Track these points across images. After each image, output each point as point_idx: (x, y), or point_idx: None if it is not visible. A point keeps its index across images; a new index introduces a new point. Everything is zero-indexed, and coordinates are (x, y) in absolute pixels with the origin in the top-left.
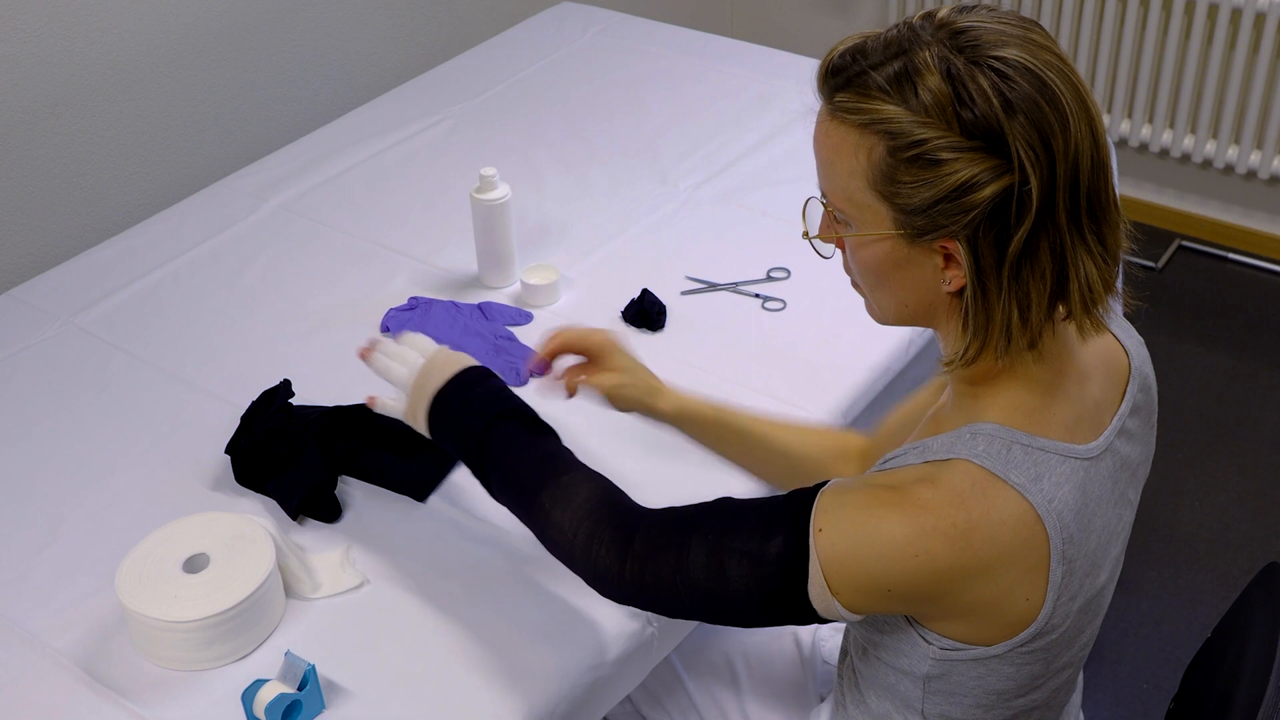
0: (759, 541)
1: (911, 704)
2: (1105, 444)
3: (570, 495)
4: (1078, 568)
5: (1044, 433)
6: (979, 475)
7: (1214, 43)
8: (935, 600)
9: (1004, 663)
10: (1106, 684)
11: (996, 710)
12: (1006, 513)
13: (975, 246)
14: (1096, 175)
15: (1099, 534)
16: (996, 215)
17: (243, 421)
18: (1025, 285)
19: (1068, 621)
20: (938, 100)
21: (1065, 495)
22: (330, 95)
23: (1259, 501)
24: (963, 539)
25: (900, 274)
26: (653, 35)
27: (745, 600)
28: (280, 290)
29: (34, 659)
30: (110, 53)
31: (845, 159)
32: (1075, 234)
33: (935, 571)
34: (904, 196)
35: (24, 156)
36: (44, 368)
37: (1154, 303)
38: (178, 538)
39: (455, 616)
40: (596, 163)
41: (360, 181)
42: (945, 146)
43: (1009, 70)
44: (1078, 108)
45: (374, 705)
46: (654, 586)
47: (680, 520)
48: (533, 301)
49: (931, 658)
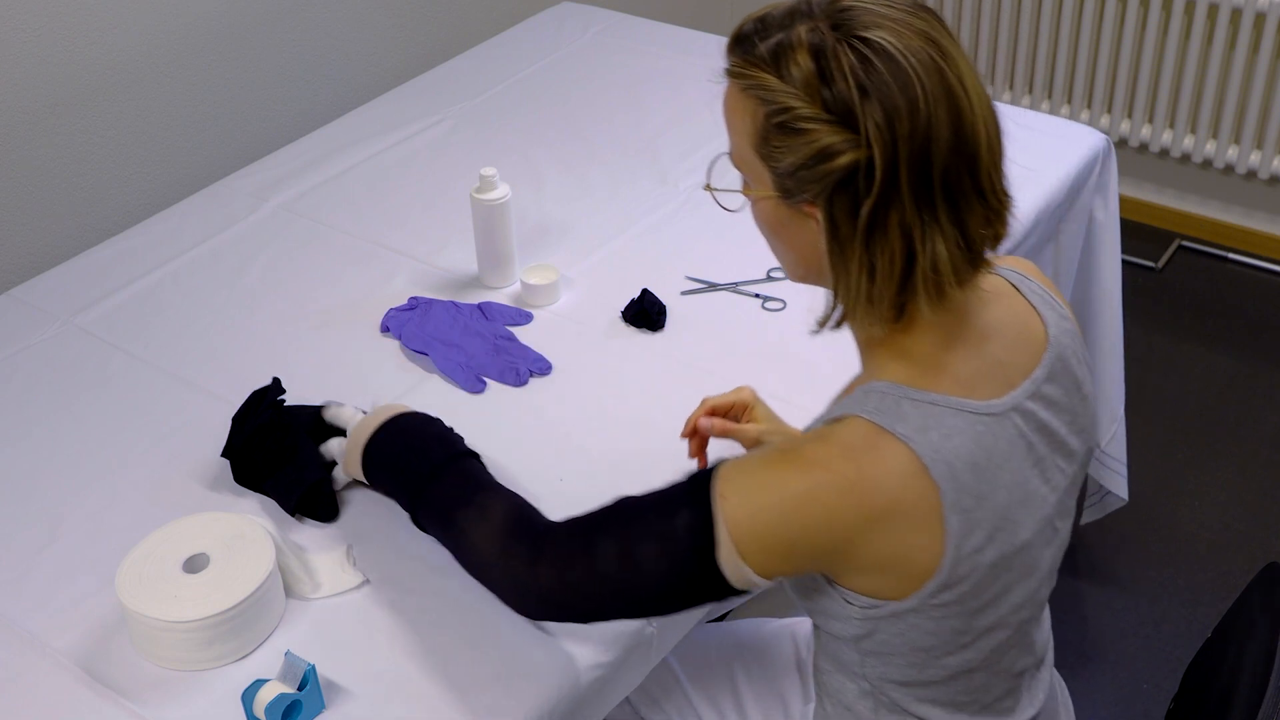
0: (666, 521)
1: (853, 669)
2: (1012, 403)
3: (485, 515)
4: (980, 520)
5: (936, 388)
6: (868, 429)
7: (1214, 43)
8: (837, 554)
9: (921, 616)
10: (1106, 684)
11: (929, 669)
12: (894, 463)
13: (832, 213)
14: (957, 162)
15: (1008, 490)
16: (848, 185)
17: (234, 423)
18: (875, 256)
19: (977, 575)
20: (805, 75)
21: (955, 446)
22: (330, 95)
23: (1259, 501)
24: (853, 490)
25: (786, 233)
26: (653, 35)
27: (660, 582)
28: (280, 290)
29: (34, 659)
30: (110, 53)
31: (737, 119)
32: (926, 215)
33: (831, 524)
34: (775, 159)
35: (24, 156)
36: (44, 368)
37: (1154, 303)
38: (178, 538)
39: (455, 616)
40: (596, 163)
41: (360, 181)
42: (807, 117)
43: (870, 53)
44: (937, 95)
45: (374, 705)
46: (570, 592)
47: (585, 524)
48: (533, 301)
49: (855, 618)
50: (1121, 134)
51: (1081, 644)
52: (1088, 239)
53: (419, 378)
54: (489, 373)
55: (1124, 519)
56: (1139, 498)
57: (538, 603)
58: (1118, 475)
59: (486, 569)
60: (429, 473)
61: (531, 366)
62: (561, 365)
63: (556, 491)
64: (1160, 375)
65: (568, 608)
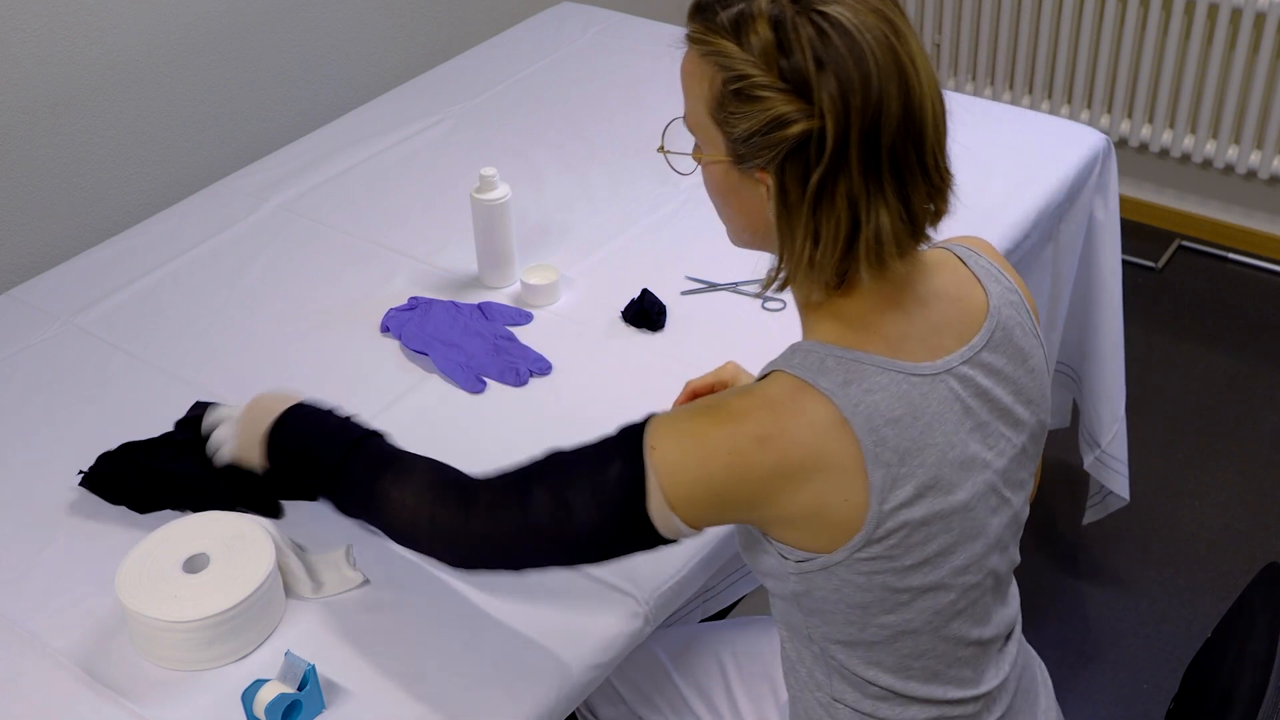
0: (598, 472)
1: (801, 632)
2: (944, 366)
3: (409, 473)
4: (904, 476)
5: (861, 346)
6: (791, 383)
7: (1214, 43)
8: (760, 505)
9: (850, 570)
10: (1106, 684)
11: (868, 629)
12: (814, 414)
13: (782, 180)
14: (904, 137)
15: (939, 450)
16: (800, 153)
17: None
18: (820, 224)
19: (905, 531)
20: (763, 45)
21: (878, 401)
22: (330, 95)
23: (1259, 501)
24: (772, 441)
25: (736, 198)
26: (653, 35)
27: (592, 531)
28: (280, 290)
29: (34, 659)
30: (110, 53)
31: (694, 84)
32: (873, 186)
33: (751, 474)
34: (730, 125)
35: (24, 156)
36: (44, 368)
37: (1154, 303)
38: (178, 538)
39: (455, 616)
40: (596, 163)
41: (360, 181)
42: (764, 85)
43: (827, 26)
44: (889, 71)
45: (374, 705)
46: (504, 540)
47: (518, 474)
48: (533, 301)
49: (792, 573)
50: (1121, 134)
51: (1081, 644)
52: (1088, 239)
53: (419, 378)
54: (489, 373)
55: (1124, 519)
56: (1139, 498)
57: (470, 552)
58: (1119, 475)
59: (415, 526)
60: (341, 453)
61: (531, 366)
62: (561, 365)
63: None
64: (1160, 375)
65: (501, 556)
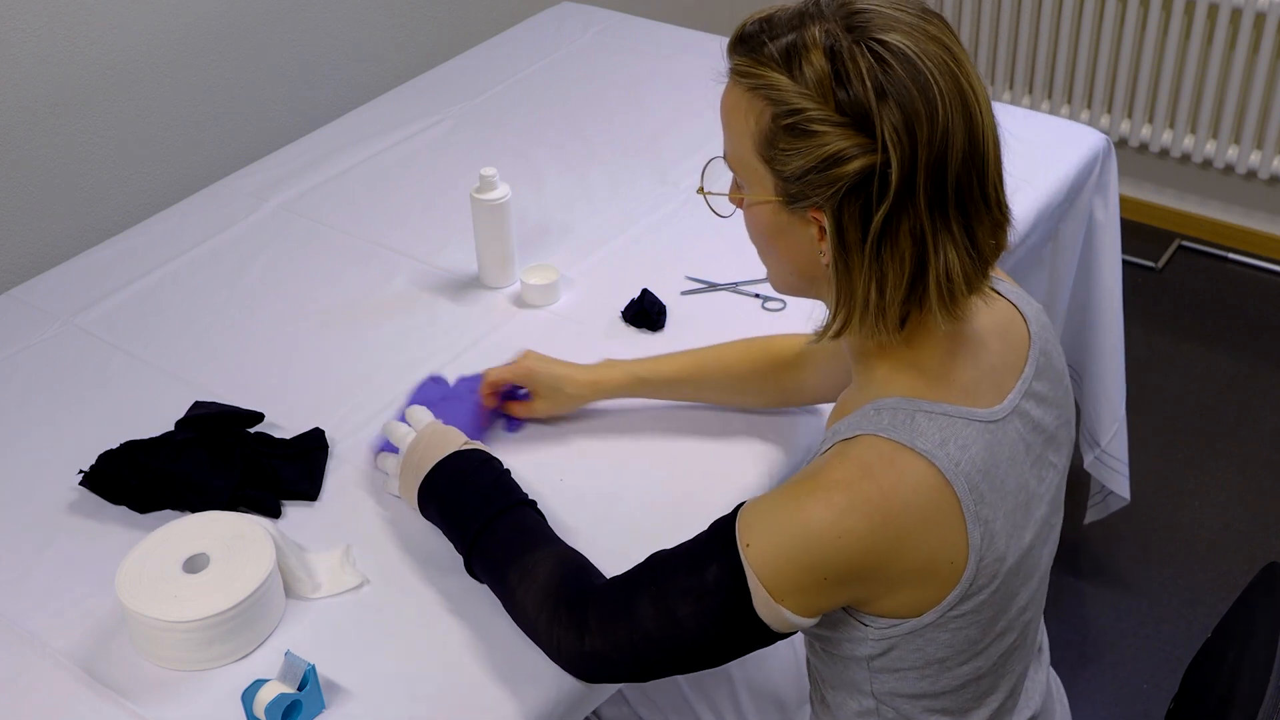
0: (696, 577)
1: (861, 687)
2: (1010, 406)
3: (533, 575)
4: (998, 530)
5: (944, 399)
6: (885, 447)
7: (1214, 43)
8: (869, 578)
9: (940, 630)
10: (1106, 684)
11: (941, 679)
12: (916, 478)
13: (840, 220)
14: (969, 169)
15: (1015, 495)
16: (860, 190)
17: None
18: (884, 265)
19: (996, 583)
20: (818, 76)
21: (972, 457)
22: (330, 95)
23: (1259, 501)
24: (879, 510)
25: (783, 241)
26: (653, 35)
27: (701, 637)
28: (280, 290)
29: (34, 659)
30: (110, 53)
31: (738, 120)
32: (939, 222)
33: (862, 548)
34: (781, 162)
35: (24, 156)
36: (44, 368)
37: (1154, 303)
38: (178, 538)
39: (455, 616)
40: (596, 163)
41: (360, 181)
42: (819, 119)
43: (888, 55)
44: (953, 100)
45: (374, 705)
46: (616, 654)
47: (623, 584)
48: (533, 301)
49: (872, 639)
50: (1121, 134)
51: (1081, 644)
52: (1088, 239)
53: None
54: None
55: (1124, 519)
56: (1139, 498)
57: (590, 667)
58: (1119, 475)
59: (535, 633)
60: (483, 524)
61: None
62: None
63: (557, 490)
64: (1160, 375)
65: (619, 668)
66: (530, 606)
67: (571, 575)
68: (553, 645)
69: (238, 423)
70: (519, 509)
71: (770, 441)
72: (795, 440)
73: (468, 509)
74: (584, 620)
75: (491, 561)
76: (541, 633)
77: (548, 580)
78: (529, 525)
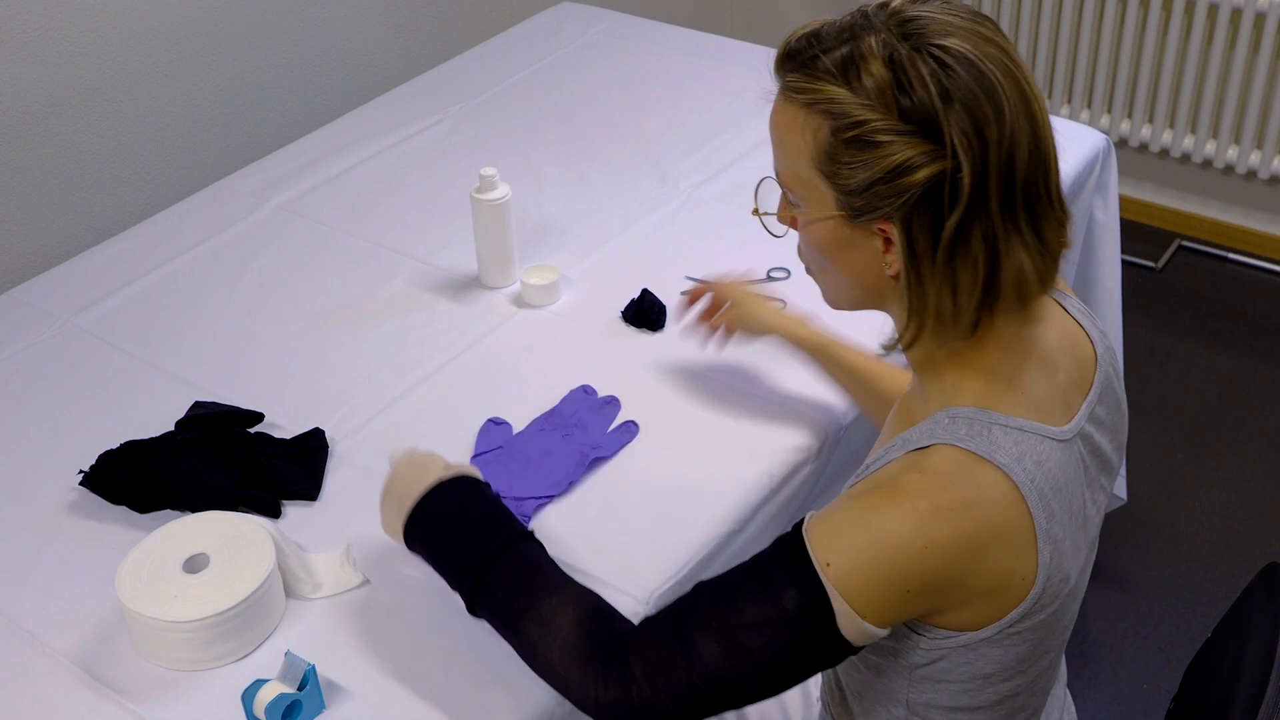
0: (770, 604)
1: (896, 696)
2: (1077, 427)
3: (555, 625)
4: (1065, 549)
5: (1017, 412)
6: (963, 458)
7: (1214, 43)
8: (948, 589)
9: (994, 645)
10: (1106, 684)
11: (982, 694)
12: (995, 492)
13: (910, 230)
14: (1034, 169)
15: (1073, 515)
16: (930, 199)
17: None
18: (957, 271)
19: (1057, 603)
20: (879, 85)
21: (1045, 474)
22: (330, 95)
23: (1259, 501)
24: (962, 520)
25: (844, 256)
26: (653, 35)
27: (777, 667)
28: (280, 290)
29: (34, 659)
30: (110, 53)
31: (794, 138)
32: (1009, 224)
33: (945, 558)
34: (844, 176)
35: (24, 156)
36: (44, 368)
37: (1154, 303)
38: (178, 538)
39: (455, 616)
40: (596, 163)
41: (360, 181)
42: (883, 129)
43: (949, 59)
44: (1016, 100)
45: (374, 705)
46: (672, 700)
47: (670, 625)
48: (532, 301)
49: (921, 648)
50: (1121, 134)
51: (1081, 644)
52: (1088, 239)
53: (419, 378)
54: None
55: (1124, 519)
56: (1139, 498)
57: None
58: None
59: (565, 689)
60: (482, 566)
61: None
62: (562, 366)
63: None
64: (1160, 375)
65: (674, 716)
66: (558, 662)
67: (602, 625)
68: (588, 701)
69: (238, 423)
70: (518, 544)
71: (764, 449)
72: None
73: (461, 550)
74: (626, 672)
75: (499, 608)
76: (574, 689)
77: (573, 632)
78: (535, 564)
